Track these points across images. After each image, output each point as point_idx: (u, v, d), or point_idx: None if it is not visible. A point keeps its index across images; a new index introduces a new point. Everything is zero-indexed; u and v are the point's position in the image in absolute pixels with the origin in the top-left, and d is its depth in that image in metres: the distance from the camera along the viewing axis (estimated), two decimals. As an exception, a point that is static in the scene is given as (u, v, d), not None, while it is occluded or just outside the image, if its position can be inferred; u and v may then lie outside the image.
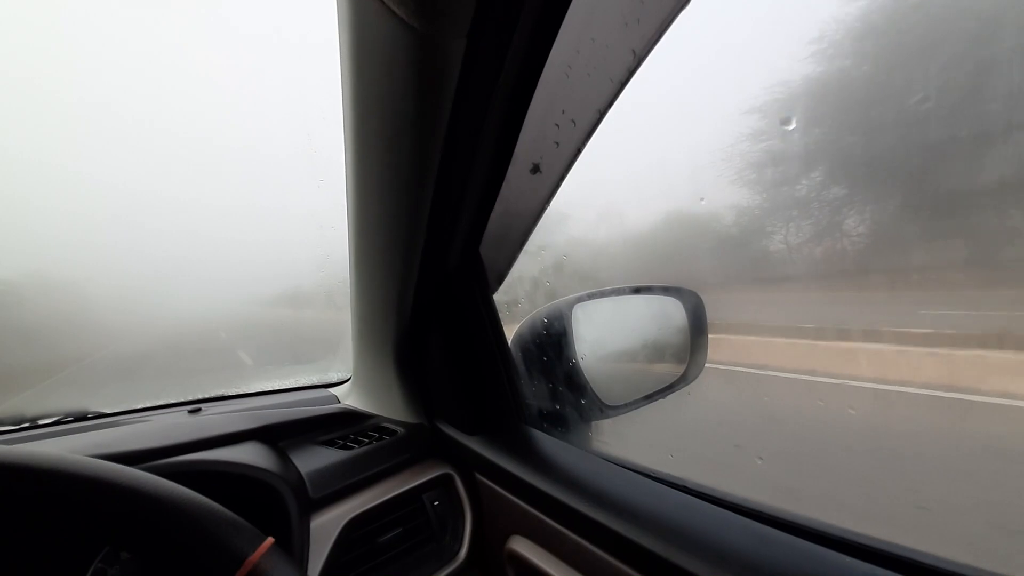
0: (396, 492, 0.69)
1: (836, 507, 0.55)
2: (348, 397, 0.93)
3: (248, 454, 0.64)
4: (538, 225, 0.64)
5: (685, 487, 0.54)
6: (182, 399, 0.98)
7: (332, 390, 1.01)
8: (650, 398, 0.81)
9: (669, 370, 0.81)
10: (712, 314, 0.79)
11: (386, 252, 0.64)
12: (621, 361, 0.84)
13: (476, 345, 0.71)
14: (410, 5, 0.38)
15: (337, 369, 1.10)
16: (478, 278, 0.69)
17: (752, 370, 2.03)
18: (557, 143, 0.51)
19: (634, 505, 0.52)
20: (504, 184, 0.57)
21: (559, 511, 0.57)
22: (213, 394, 1.02)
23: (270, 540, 0.33)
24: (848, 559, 0.40)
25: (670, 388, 0.81)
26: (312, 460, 0.70)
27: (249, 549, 0.32)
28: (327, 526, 0.63)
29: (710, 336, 0.79)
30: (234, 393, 1.05)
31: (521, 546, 0.62)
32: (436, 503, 0.73)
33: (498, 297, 0.71)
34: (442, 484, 0.73)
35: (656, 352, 0.83)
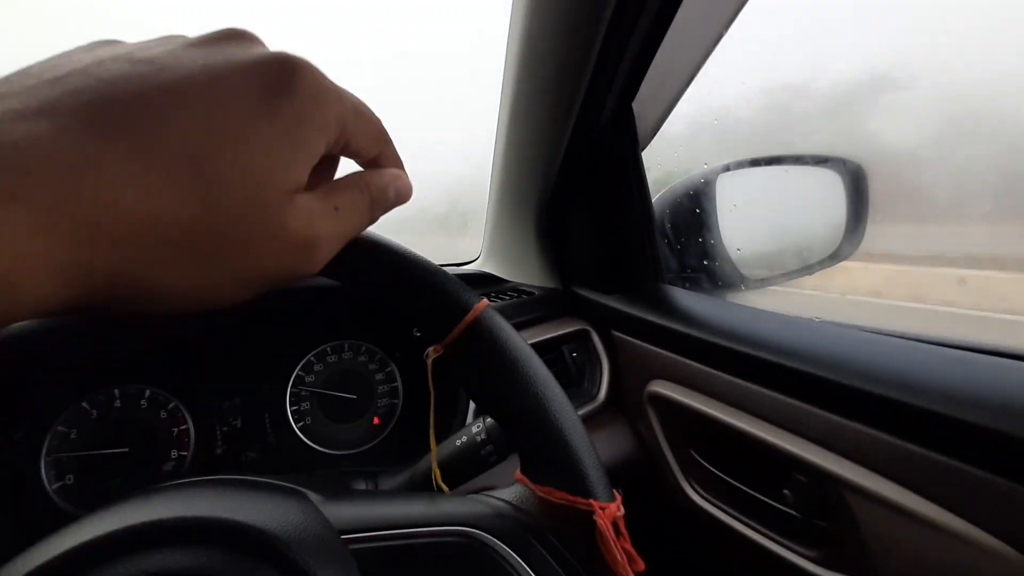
0: (537, 339, 0.75)
1: None
2: (483, 268, 0.99)
3: None
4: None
5: (852, 326, 0.53)
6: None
7: (462, 268, 1.09)
8: (794, 274, 0.79)
9: (819, 246, 0.77)
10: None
11: (543, 108, 0.65)
12: (766, 234, 0.81)
13: (621, 204, 0.72)
14: None
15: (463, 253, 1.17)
16: (629, 134, 0.68)
17: None
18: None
19: (791, 341, 0.52)
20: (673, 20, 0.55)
21: (704, 352, 0.59)
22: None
23: (485, 300, 0.37)
24: None
25: (818, 265, 0.78)
26: None
27: (474, 300, 0.36)
28: None
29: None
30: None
31: (663, 387, 0.65)
32: (574, 354, 0.78)
33: (645, 154, 0.71)
34: (579, 339, 0.77)
35: (806, 227, 0.79)
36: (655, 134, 0.70)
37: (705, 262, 0.77)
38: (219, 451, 0.68)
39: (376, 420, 0.74)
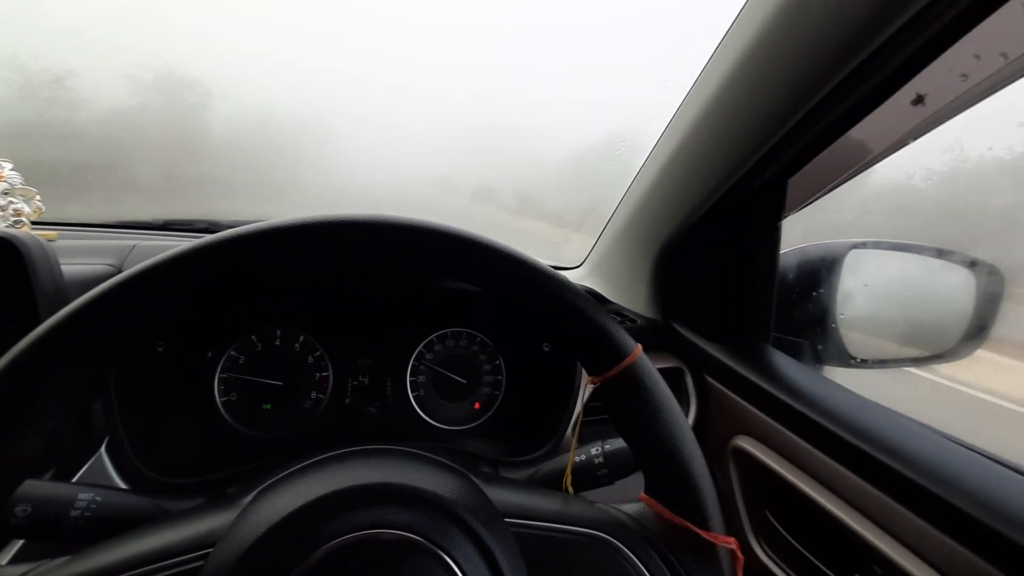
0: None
1: None
2: (584, 281, 1.04)
3: None
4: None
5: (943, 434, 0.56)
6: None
7: (565, 272, 1.14)
8: (903, 363, 0.80)
9: (930, 342, 0.77)
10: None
11: (706, 163, 0.68)
12: (880, 318, 0.82)
13: (748, 263, 0.75)
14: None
15: (565, 257, 1.22)
16: (778, 205, 0.71)
17: None
18: (965, 76, 0.49)
19: (898, 442, 0.55)
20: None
21: (800, 422, 0.62)
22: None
23: (640, 346, 0.42)
24: None
25: (923, 361, 0.79)
26: None
27: (633, 346, 0.41)
28: None
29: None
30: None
31: (748, 444, 0.70)
32: (665, 389, 0.83)
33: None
34: (671, 375, 0.82)
35: (922, 320, 0.79)
36: (798, 209, 0.72)
37: (810, 335, 0.79)
38: (348, 400, 0.78)
39: (477, 405, 0.82)
